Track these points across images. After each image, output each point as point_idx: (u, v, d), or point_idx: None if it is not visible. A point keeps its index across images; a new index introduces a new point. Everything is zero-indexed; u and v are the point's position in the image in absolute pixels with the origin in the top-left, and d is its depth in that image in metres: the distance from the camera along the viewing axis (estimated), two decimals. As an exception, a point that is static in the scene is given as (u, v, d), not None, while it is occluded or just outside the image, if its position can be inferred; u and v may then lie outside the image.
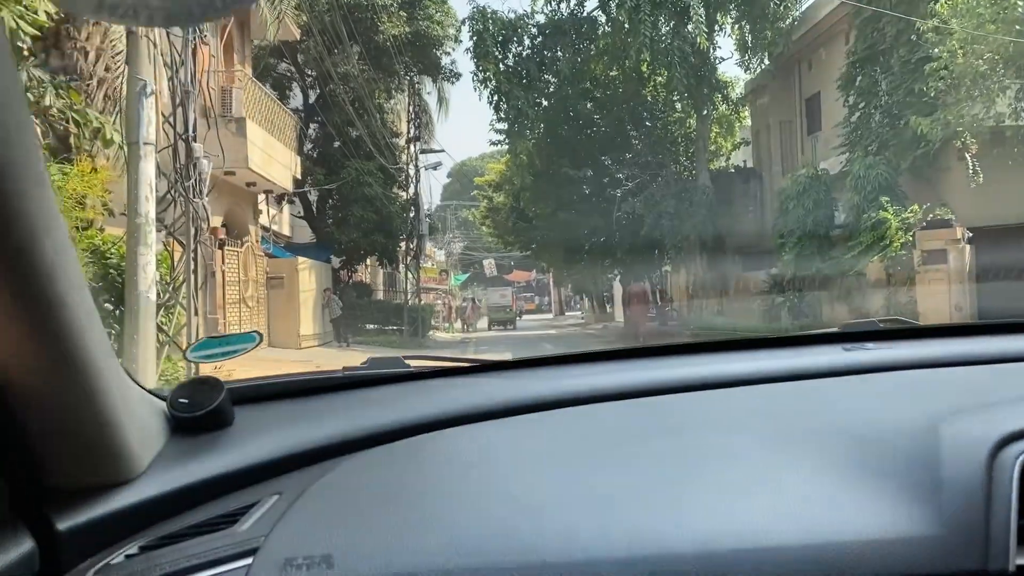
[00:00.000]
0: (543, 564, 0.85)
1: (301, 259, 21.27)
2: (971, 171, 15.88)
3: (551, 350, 22.80)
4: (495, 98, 25.75)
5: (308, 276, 21.42)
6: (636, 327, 26.70)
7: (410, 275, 27.92)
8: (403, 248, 27.45)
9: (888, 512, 0.90)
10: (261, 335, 1.71)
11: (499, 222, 38.77)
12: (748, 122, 29.28)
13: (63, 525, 0.98)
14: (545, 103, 26.50)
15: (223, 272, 16.71)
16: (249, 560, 0.89)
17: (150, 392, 1.23)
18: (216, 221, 17.27)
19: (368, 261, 31.51)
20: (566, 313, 54.93)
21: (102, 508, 1.01)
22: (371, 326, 26.27)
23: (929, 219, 15.53)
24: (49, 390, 0.94)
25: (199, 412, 1.22)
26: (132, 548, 0.98)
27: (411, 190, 26.45)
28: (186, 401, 1.23)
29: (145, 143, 7.67)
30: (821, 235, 19.06)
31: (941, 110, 15.33)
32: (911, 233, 15.51)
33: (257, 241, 19.99)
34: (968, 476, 0.90)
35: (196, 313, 9.76)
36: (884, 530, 0.87)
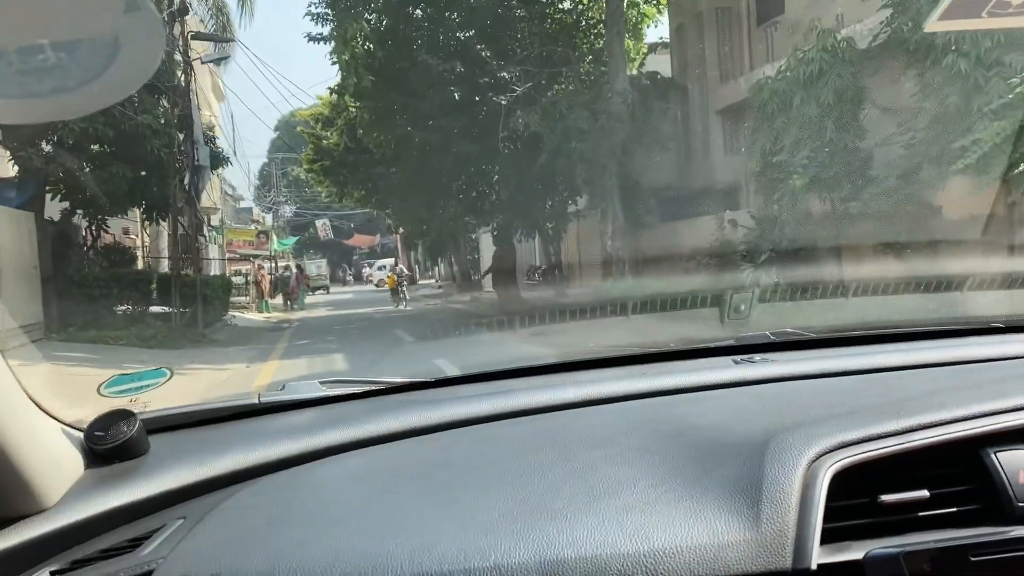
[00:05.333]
0: None
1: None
2: None
3: (407, 338, 14.68)
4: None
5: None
6: (513, 300, 18.72)
7: (183, 230, 18.39)
8: (174, 190, 17.76)
9: (715, 519, 0.96)
10: (171, 370, 1.77)
11: (332, 166, 29.32)
12: (664, 18, 21.66)
13: None
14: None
15: None
16: None
17: (68, 425, 1.29)
18: None
19: (137, 214, 21.79)
20: (419, 282, 46.41)
21: (17, 538, 1.09)
22: (123, 309, 16.78)
23: None
24: None
25: (113, 443, 1.28)
26: (44, 573, 1.07)
27: (177, 98, 16.70)
28: (102, 433, 1.29)
29: None
30: (849, 148, 11.69)
31: None
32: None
33: None
34: (785, 485, 0.99)
35: None
36: (709, 535, 0.94)
